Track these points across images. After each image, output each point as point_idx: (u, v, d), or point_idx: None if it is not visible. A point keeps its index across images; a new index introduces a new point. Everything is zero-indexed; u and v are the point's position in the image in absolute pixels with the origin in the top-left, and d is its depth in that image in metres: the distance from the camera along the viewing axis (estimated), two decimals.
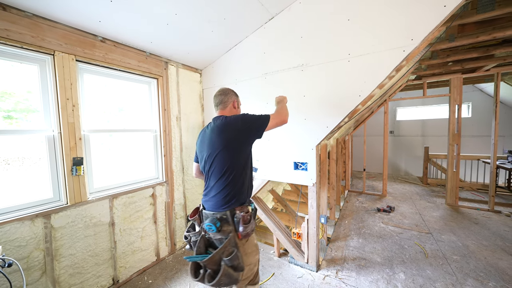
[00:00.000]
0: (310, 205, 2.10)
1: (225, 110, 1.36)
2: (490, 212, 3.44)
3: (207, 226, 1.14)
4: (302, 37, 1.98)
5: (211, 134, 1.25)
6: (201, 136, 1.36)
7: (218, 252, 1.08)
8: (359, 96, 1.75)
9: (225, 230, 1.14)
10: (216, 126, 1.24)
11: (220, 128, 1.21)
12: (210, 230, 1.13)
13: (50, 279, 1.55)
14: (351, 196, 4.54)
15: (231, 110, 1.37)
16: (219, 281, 1.05)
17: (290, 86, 2.08)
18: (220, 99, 1.36)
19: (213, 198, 1.20)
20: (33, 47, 1.48)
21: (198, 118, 2.82)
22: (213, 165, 1.20)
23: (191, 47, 2.26)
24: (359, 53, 1.73)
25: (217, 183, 1.19)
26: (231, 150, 1.19)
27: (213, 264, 1.09)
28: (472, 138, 5.92)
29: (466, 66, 3.29)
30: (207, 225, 1.14)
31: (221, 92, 1.38)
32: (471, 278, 1.98)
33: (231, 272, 1.07)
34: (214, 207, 1.19)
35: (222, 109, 1.36)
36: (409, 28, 1.53)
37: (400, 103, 6.74)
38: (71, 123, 1.66)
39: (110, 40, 1.88)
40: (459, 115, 3.64)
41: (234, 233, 1.14)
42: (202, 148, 1.29)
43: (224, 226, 1.14)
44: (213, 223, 1.12)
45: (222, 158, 1.18)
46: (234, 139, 1.19)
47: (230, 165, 1.19)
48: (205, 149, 1.26)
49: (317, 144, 1.98)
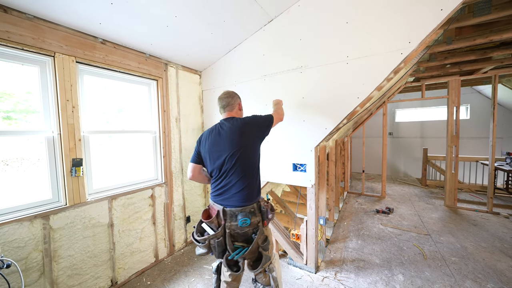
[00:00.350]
0: (309, 207, 2.10)
1: (232, 112, 1.42)
2: (489, 213, 3.45)
3: (241, 221, 1.21)
4: (301, 40, 2.00)
5: (231, 134, 1.30)
6: (211, 137, 1.35)
7: (255, 242, 1.21)
8: (357, 98, 1.76)
9: (253, 221, 1.25)
10: (237, 127, 1.30)
11: (241, 128, 1.29)
12: (245, 224, 1.21)
13: (49, 280, 1.55)
14: (350, 197, 4.55)
15: (237, 112, 1.44)
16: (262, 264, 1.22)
17: (289, 88, 2.10)
18: (227, 101, 1.41)
19: (236, 195, 1.25)
20: (34, 49, 1.49)
21: (198, 119, 2.83)
22: (236, 164, 1.25)
23: (190, 49, 2.28)
24: (357, 56, 1.74)
25: (240, 180, 1.25)
26: (253, 148, 1.30)
27: (252, 253, 1.23)
28: (470, 139, 5.94)
29: (464, 69, 3.31)
30: (241, 220, 1.21)
31: (227, 95, 1.43)
32: (470, 279, 1.98)
33: (266, 255, 1.25)
34: (240, 203, 1.25)
35: (229, 111, 1.42)
36: (407, 31, 1.55)
37: (399, 104, 6.77)
38: (71, 124, 1.67)
39: (110, 42, 1.90)
40: (457, 117, 3.66)
41: (261, 222, 1.29)
42: (218, 149, 1.30)
43: (253, 218, 1.25)
44: (247, 216, 1.21)
45: (245, 156, 1.27)
46: (255, 137, 1.32)
47: (252, 162, 1.30)
48: (224, 149, 1.28)
49: (316, 145, 1.99)
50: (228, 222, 1.24)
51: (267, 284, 1.34)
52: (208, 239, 1.24)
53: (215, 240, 1.24)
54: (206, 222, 1.27)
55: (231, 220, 1.24)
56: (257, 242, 1.23)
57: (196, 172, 1.43)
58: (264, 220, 1.30)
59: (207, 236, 1.25)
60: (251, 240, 1.27)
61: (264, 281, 1.35)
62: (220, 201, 1.29)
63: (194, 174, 1.43)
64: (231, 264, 1.25)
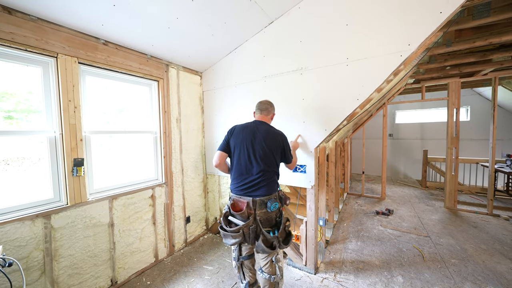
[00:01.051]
0: (308, 208, 2.11)
1: (266, 117, 1.64)
2: (489, 215, 3.45)
3: (272, 206, 1.42)
4: (301, 41, 2.02)
5: (268, 135, 1.52)
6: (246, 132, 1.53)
7: (283, 224, 1.45)
8: (357, 100, 1.77)
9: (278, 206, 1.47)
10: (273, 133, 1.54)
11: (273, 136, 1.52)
12: (275, 208, 1.43)
13: (49, 279, 1.55)
14: (350, 198, 4.55)
15: (270, 120, 1.67)
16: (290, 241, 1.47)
17: (289, 89, 2.11)
18: (266, 106, 1.64)
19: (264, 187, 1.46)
20: (37, 50, 1.51)
21: (198, 120, 2.84)
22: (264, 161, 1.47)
23: (191, 50, 2.30)
24: (357, 58, 1.76)
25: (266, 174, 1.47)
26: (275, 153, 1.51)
27: (283, 233, 1.44)
28: (471, 141, 5.94)
29: (464, 71, 3.32)
30: (272, 206, 1.42)
31: (268, 102, 1.67)
32: (469, 281, 1.98)
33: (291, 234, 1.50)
34: (268, 192, 1.46)
35: (265, 115, 1.64)
36: (406, 33, 1.56)
37: (399, 106, 6.78)
38: (73, 125, 1.68)
39: (112, 43, 1.92)
40: (457, 118, 3.67)
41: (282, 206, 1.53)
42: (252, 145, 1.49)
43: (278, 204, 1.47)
44: (276, 201, 1.45)
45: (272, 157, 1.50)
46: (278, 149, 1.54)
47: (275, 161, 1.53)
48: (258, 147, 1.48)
49: (316, 146, 2.00)
50: (258, 210, 1.42)
51: (273, 274, 1.50)
52: (241, 228, 1.38)
53: (250, 227, 1.40)
54: (238, 214, 1.42)
55: (260, 208, 1.42)
56: (284, 224, 1.46)
57: (223, 160, 1.58)
58: (283, 205, 1.56)
59: (241, 225, 1.39)
60: (275, 223, 1.48)
61: (270, 271, 1.50)
62: (248, 193, 1.46)
63: (220, 161, 1.57)
64: (268, 244, 1.41)
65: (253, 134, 1.51)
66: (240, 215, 1.41)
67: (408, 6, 1.55)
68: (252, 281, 1.60)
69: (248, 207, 1.41)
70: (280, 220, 1.48)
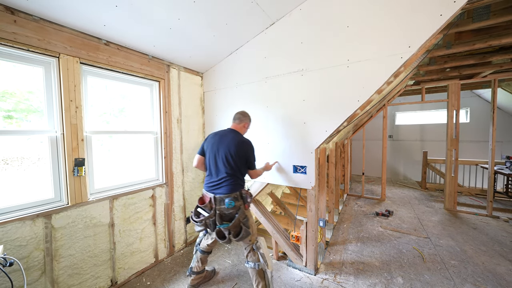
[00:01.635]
0: (309, 208, 2.11)
1: (238, 125, 1.87)
2: (488, 217, 3.46)
3: (228, 203, 1.61)
4: (302, 43, 2.03)
5: (232, 142, 1.73)
6: (216, 138, 1.80)
7: (238, 219, 1.63)
8: (357, 101, 1.78)
9: (237, 204, 1.65)
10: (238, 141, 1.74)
11: (238, 144, 1.73)
12: (230, 205, 1.61)
13: (49, 279, 1.55)
14: (350, 199, 4.55)
15: (242, 128, 1.89)
16: (242, 236, 1.63)
17: (290, 90, 2.12)
18: (239, 116, 1.89)
19: (224, 186, 1.66)
20: (39, 50, 1.51)
21: (199, 120, 2.85)
22: (227, 164, 1.68)
23: (192, 51, 2.31)
24: (358, 59, 1.77)
25: (228, 176, 1.67)
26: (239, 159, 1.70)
27: (235, 227, 1.63)
28: (470, 143, 5.96)
29: (464, 72, 3.34)
30: (228, 202, 1.61)
31: (242, 113, 1.92)
32: (469, 283, 1.98)
33: (246, 229, 1.66)
34: (228, 191, 1.65)
35: (237, 124, 1.88)
36: (407, 35, 1.57)
37: (399, 107, 6.79)
38: (74, 125, 1.69)
39: (113, 43, 1.92)
40: (457, 120, 3.68)
41: (243, 205, 1.69)
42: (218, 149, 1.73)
43: (237, 202, 1.65)
44: (233, 200, 1.63)
45: (234, 162, 1.69)
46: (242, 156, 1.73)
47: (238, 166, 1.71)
48: (223, 152, 1.71)
49: (316, 147, 2.00)
50: (218, 206, 1.64)
51: (257, 261, 1.67)
52: (205, 219, 1.63)
53: (210, 219, 1.64)
54: (201, 206, 1.68)
55: (220, 204, 1.64)
56: (239, 219, 1.63)
57: (200, 162, 1.86)
58: (245, 203, 1.71)
59: (203, 217, 1.64)
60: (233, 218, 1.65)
61: (254, 259, 1.69)
62: (212, 191, 1.69)
63: (198, 164, 1.87)
64: (220, 235, 1.64)
65: (221, 140, 1.76)
66: (205, 208, 1.66)
67: (408, 9, 1.56)
68: (195, 269, 1.90)
69: (210, 202, 1.66)
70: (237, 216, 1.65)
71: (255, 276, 1.66)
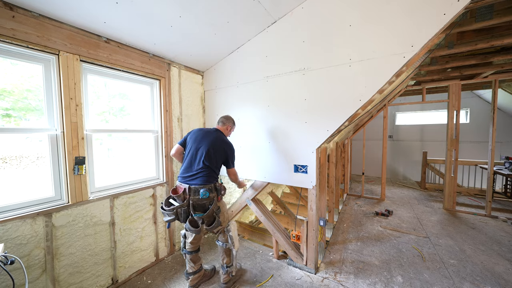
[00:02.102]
0: (309, 208, 2.11)
1: (222, 127, 2.04)
2: (487, 217, 3.47)
3: (202, 193, 1.70)
4: (304, 42, 2.01)
5: (215, 140, 1.87)
6: (201, 134, 1.92)
7: (212, 209, 1.73)
8: (359, 101, 1.77)
9: (211, 196, 1.76)
10: (219, 140, 1.90)
11: (219, 143, 1.89)
12: (205, 196, 1.71)
13: (50, 277, 1.55)
14: (349, 199, 4.56)
15: (225, 130, 2.05)
16: (214, 226, 1.75)
17: (291, 89, 2.11)
18: (222, 119, 2.06)
19: (200, 177, 1.77)
20: (39, 47, 1.49)
21: (200, 119, 2.84)
22: (206, 158, 1.79)
23: (193, 49, 2.29)
24: (360, 58, 1.76)
25: (204, 169, 1.79)
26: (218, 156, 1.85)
27: (209, 217, 1.73)
28: (470, 143, 5.98)
29: (465, 73, 3.34)
30: (202, 193, 1.71)
31: (225, 117, 2.09)
32: (468, 282, 2.00)
33: (218, 219, 1.78)
34: (203, 182, 1.75)
35: (221, 126, 2.05)
36: (410, 35, 1.56)
37: (399, 108, 6.79)
38: (74, 123, 1.67)
39: (114, 41, 1.90)
40: (457, 120, 3.68)
41: (216, 197, 1.81)
42: (201, 144, 1.85)
43: (211, 193, 1.77)
44: (206, 191, 1.73)
45: (213, 157, 1.82)
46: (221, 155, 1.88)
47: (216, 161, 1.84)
48: (205, 146, 1.83)
49: (318, 147, 2.00)
50: (192, 196, 1.72)
51: (226, 242, 1.90)
52: (176, 208, 1.69)
53: (182, 209, 1.70)
54: (174, 196, 1.72)
55: (194, 195, 1.72)
56: (212, 209, 1.73)
57: (177, 152, 1.96)
58: (219, 195, 1.84)
59: (176, 206, 1.69)
60: (207, 210, 1.74)
61: (223, 239, 1.90)
62: (187, 181, 1.77)
63: (175, 152, 1.97)
64: (193, 224, 1.72)
65: (205, 135, 1.89)
66: (177, 198, 1.71)
67: (412, 8, 1.55)
68: (190, 270, 1.94)
69: (184, 192, 1.73)
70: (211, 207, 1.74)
71: (222, 252, 1.92)
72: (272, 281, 2.03)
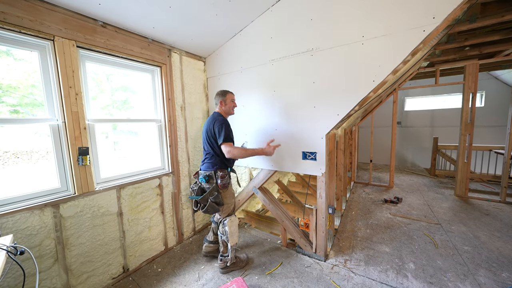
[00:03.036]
0: (318, 195, 2.06)
1: (217, 107, 2.00)
2: (502, 203, 3.36)
3: (201, 178, 1.88)
4: (312, 20, 1.87)
5: (208, 122, 1.93)
6: (206, 120, 2.00)
7: (207, 194, 1.84)
8: (373, 82, 1.66)
9: (211, 182, 1.87)
10: (210, 120, 1.92)
11: (209, 123, 1.90)
12: (202, 181, 1.87)
13: (63, 266, 1.57)
14: (357, 187, 4.50)
15: (220, 109, 1.99)
16: (207, 209, 1.84)
17: (298, 72, 1.99)
18: (215, 100, 2.02)
19: (204, 163, 1.93)
20: (32, 32, 1.42)
21: (203, 107, 2.76)
22: (206, 144, 1.93)
23: (194, 32, 2.17)
24: (374, 35, 1.62)
25: (207, 154, 1.94)
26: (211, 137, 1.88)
27: (204, 201, 1.84)
28: (484, 128, 5.73)
29: (484, 51, 3.10)
30: (201, 178, 1.89)
31: (216, 94, 2.01)
32: (483, 268, 1.94)
33: (214, 205, 1.85)
34: (205, 168, 1.91)
35: (216, 108, 2.01)
36: (431, 5, 1.41)
37: (408, 93, 6.52)
38: (75, 112, 1.62)
39: (111, 25, 1.80)
40: (473, 103, 3.48)
41: (216, 184, 1.86)
42: (204, 129, 1.97)
43: (210, 180, 1.87)
44: (203, 177, 1.87)
45: (209, 141, 1.90)
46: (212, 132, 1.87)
47: (213, 145, 1.88)
48: (204, 131, 1.96)
49: (327, 133, 1.91)
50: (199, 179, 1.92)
51: (223, 234, 1.95)
52: (192, 187, 1.95)
53: (193, 187, 1.93)
54: (194, 177, 2.04)
55: (199, 178, 1.92)
56: (208, 194, 1.83)
57: None
58: (217, 184, 1.86)
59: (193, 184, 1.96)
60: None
61: (221, 231, 1.96)
62: (201, 166, 1.98)
63: None
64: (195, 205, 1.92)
65: (206, 122, 1.95)
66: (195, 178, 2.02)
67: None
68: (208, 238, 2.20)
69: (195, 175, 2.02)
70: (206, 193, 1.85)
71: (220, 242, 2.00)
72: (281, 269, 2.02)
